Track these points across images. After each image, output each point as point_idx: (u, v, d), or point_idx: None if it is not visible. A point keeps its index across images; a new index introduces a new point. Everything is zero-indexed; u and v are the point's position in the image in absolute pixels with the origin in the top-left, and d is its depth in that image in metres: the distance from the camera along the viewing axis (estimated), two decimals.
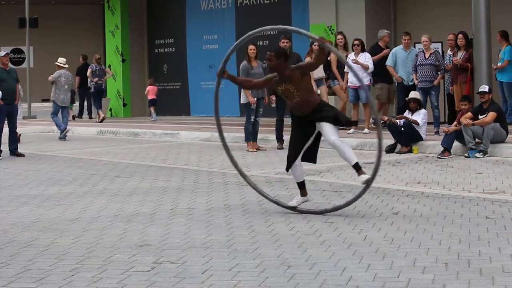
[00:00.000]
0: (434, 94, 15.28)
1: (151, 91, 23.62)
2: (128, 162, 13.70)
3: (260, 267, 6.06)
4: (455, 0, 18.48)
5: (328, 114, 8.24)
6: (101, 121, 23.08)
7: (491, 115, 12.92)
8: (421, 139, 13.82)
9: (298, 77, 8.24)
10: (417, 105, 14.05)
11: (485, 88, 13.26)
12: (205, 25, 24.31)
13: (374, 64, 16.19)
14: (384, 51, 16.83)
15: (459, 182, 10.26)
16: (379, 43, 17.14)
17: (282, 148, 14.75)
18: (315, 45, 16.34)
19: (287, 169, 8.50)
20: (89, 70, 24.11)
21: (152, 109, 23.54)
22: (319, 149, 8.59)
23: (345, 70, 16.82)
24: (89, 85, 24.17)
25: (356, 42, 16.65)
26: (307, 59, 16.49)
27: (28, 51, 29.50)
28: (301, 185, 8.52)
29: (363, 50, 16.52)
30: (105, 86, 24.50)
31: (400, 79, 16.06)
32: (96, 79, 23.85)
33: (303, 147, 8.38)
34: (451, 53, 15.84)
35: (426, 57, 15.29)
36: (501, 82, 16.40)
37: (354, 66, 16.25)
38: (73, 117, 24.59)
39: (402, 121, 13.94)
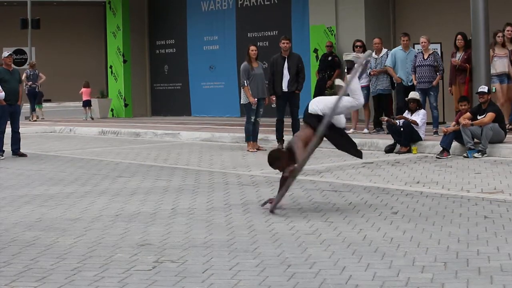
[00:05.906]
0: (433, 94, 15.31)
1: (84, 93, 25.51)
2: (129, 162, 13.73)
3: (260, 266, 6.08)
4: (454, 2, 18.51)
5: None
6: (35, 121, 25.56)
7: (490, 115, 12.96)
8: (420, 139, 13.86)
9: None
10: (416, 105, 14.11)
11: (484, 88, 13.30)
12: (205, 26, 24.35)
13: None
14: None
15: (458, 182, 10.28)
16: None
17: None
18: (498, 37, 15.80)
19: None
20: (24, 75, 25.75)
21: (85, 110, 25.45)
22: (318, 150, 8.64)
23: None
24: (24, 88, 25.99)
25: (358, 43, 16.65)
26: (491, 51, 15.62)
27: (30, 52, 29.55)
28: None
29: (364, 51, 16.56)
30: (38, 90, 26.51)
31: (400, 79, 16.10)
32: (30, 82, 26.02)
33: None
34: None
35: (425, 58, 15.32)
36: None
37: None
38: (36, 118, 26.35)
39: (401, 121, 13.98)
